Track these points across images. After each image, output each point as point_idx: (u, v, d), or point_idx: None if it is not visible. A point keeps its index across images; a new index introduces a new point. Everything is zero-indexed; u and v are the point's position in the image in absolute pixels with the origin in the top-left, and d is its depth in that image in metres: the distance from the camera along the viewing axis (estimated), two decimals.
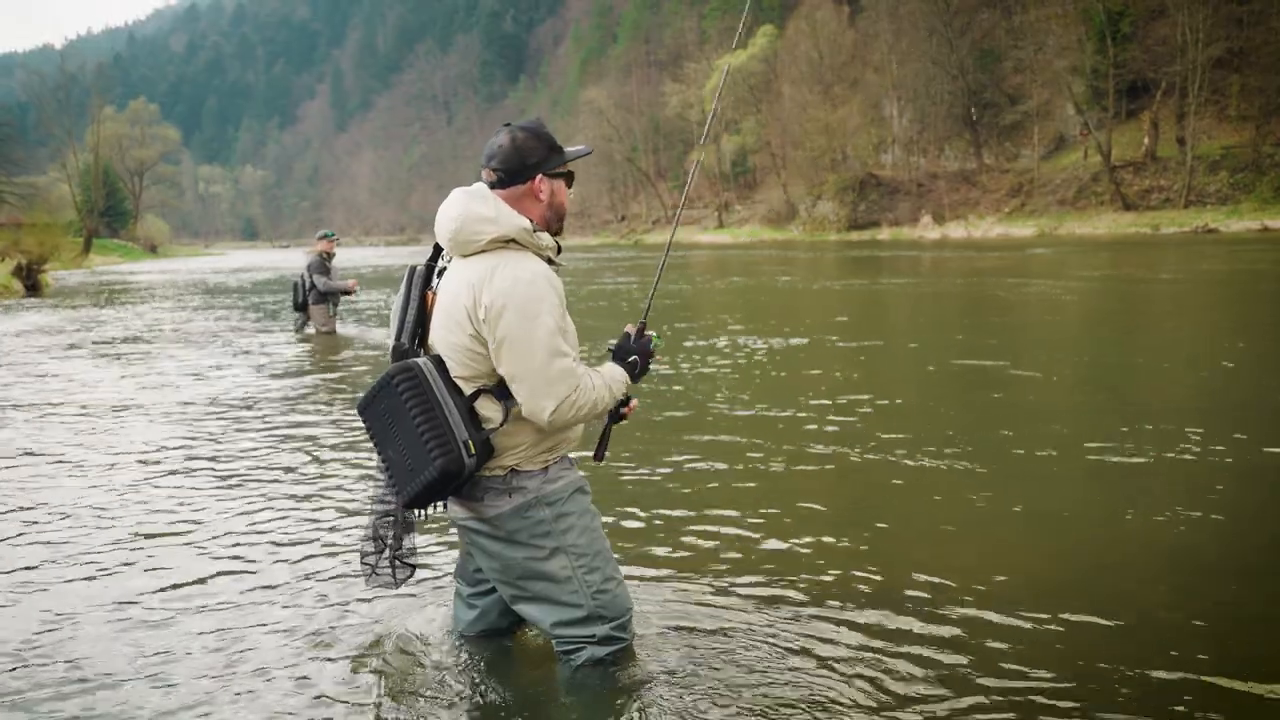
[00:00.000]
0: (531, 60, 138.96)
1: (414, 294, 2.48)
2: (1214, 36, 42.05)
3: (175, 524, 4.23)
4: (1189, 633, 2.87)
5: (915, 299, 15.37)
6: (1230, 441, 5.07)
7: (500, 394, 2.37)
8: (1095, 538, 3.73)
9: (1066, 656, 2.71)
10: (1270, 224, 35.58)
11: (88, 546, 3.94)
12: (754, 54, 66.66)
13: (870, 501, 4.37)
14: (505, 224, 2.36)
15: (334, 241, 11.85)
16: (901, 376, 7.83)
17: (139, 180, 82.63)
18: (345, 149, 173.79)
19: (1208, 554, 3.54)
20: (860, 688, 2.57)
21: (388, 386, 2.35)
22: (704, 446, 5.44)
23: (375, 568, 2.59)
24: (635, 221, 79.31)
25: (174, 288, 26.62)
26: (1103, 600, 3.10)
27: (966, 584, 3.26)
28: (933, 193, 52.59)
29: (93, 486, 4.90)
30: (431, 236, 2.59)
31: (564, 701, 2.52)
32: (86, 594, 3.41)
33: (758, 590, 3.27)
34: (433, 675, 2.69)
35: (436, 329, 2.42)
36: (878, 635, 2.89)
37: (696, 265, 29.53)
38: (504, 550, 2.47)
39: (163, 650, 2.91)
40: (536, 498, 2.44)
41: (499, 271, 2.32)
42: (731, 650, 2.80)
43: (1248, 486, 4.37)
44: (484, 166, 2.49)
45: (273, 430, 6.24)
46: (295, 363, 9.72)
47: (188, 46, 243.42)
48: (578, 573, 2.49)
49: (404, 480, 2.35)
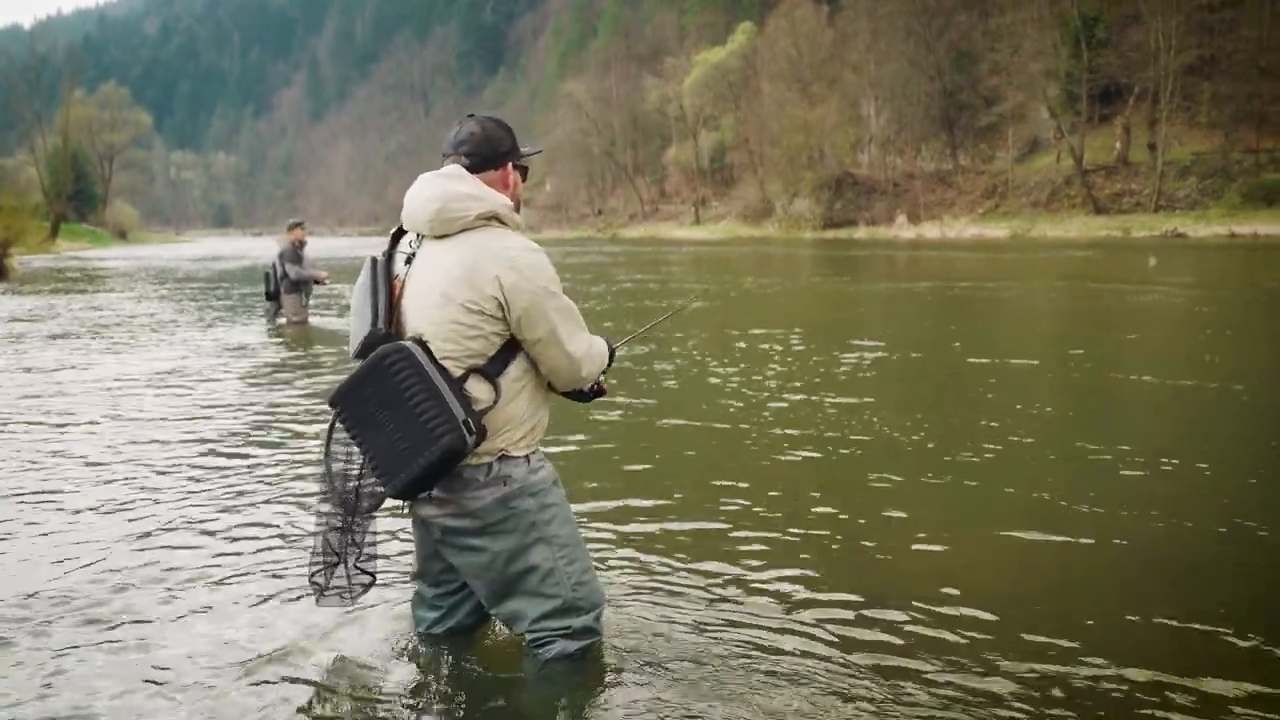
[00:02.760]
0: (511, 52, 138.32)
1: (380, 282, 2.43)
2: (1186, 44, 42.62)
3: (126, 519, 4.17)
4: (1182, 632, 2.90)
5: (933, 301, 15.44)
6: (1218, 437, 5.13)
7: (490, 373, 2.36)
8: (1089, 535, 3.77)
9: (1056, 653, 2.73)
10: (1238, 230, 36.13)
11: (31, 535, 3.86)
12: (733, 51, 66.77)
13: (854, 495, 4.38)
14: (489, 200, 2.38)
15: (305, 229, 11.74)
16: (901, 376, 7.87)
17: (109, 165, 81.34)
18: (321, 138, 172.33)
19: (1202, 553, 3.58)
20: (840, 683, 2.57)
21: (379, 368, 2.28)
22: (677, 434, 5.44)
23: (325, 587, 2.50)
24: (612, 216, 79.18)
25: (144, 275, 26.26)
26: (1089, 597, 3.13)
27: (951, 581, 3.28)
28: (908, 193, 52.92)
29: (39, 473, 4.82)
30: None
31: (534, 695, 2.50)
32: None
33: (730, 585, 3.27)
34: (396, 677, 2.63)
35: (421, 310, 2.37)
36: (857, 629, 2.90)
37: (678, 264, 29.49)
38: (488, 544, 2.43)
39: (87, 661, 2.86)
40: (521, 488, 2.42)
41: (500, 245, 2.34)
42: (702, 644, 2.79)
43: (1246, 488, 4.43)
44: (450, 154, 2.48)
45: (235, 423, 6.17)
46: (265, 354, 9.61)
47: (161, 29, 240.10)
48: (559, 564, 2.48)
49: (397, 465, 2.27)
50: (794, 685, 2.55)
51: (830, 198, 55.09)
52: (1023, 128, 50.82)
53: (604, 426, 5.83)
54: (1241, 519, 3.87)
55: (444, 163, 2.49)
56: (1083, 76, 46.07)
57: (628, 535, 3.82)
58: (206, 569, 3.47)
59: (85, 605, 3.14)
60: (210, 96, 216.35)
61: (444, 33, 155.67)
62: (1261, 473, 4.61)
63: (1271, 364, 8.41)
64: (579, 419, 5.83)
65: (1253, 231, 35.52)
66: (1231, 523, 3.84)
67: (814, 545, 3.69)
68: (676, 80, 69.80)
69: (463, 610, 2.70)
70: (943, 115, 54.18)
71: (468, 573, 2.53)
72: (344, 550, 2.48)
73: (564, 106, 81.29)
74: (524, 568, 2.46)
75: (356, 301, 2.47)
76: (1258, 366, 8.08)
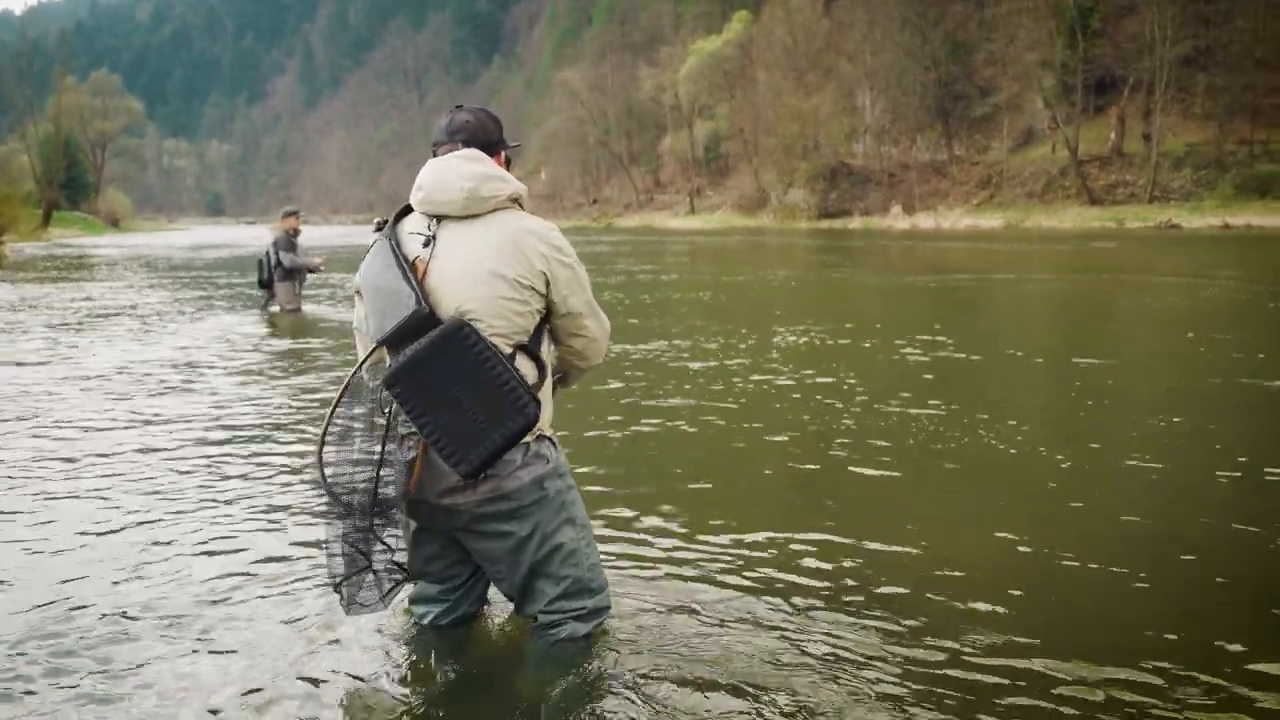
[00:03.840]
0: (506, 40, 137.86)
1: (402, 261, 2.36)
2: (1181, 35, 42.63)
3: (126, 513, 4.17)
4: (1185, 629, 2.92)
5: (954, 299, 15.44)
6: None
7: (533, 351, 2.40)
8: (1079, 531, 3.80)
9: (1040, 648, 2.76)
10: (1231, 221, 36.22)
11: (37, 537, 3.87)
12: (728, 40, 66.61)
13: (844, 491, 4.41)
14: (514, 183, 2.45)
15: (299, 218, 11.69)
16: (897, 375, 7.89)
17: (101, 152, 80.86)
18: (315, 126, 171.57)
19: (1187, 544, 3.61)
20: (840, 679, 2.59)
21: (452, 343, 2.23)
22: (667, 431, 5.46)
23: (357, 593, 2.38)
24: (608, 205, 79.05)
25: (136, 263, 26.16)
26: (1070, 593, 3.16)
27: (936, 575, 3.30)
28: (903, 183, 52.94)
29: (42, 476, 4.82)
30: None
31: (543, 676, 2.50)
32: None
33: (721, 574, 3.29)
34: (403, 666, 2.63)
35: (464, 289, 2.31)
36: (853, 620, 2.92)
37: (684, 254, 29.46)
38: (517, 527, 2.42)
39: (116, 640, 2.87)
40: (553, 468, 2.46)
41: (535, 225, 2.42)
42: (704, 630, 2.81)
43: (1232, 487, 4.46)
44: (444, 143, 2.48)
45: (225, 413, 6.17)
46: (256, 342, 9.60)
47: (153, 16, 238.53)
48: (581, 544, 2.53)
49: (473, 441, 2.22)
50: (795, 668, 2.57)
51: (825, 188, 55.08)
52: (1018, 118, 50.86)
53: (647, 427, 5.84)
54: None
55: (437, 151, 2.48)
56: (1078, 67, 46.08)
57: (629, 521, 3.84)
58: (197, 560, 3.48)
59: (71, 599, 3.15)
60: (203, 84, 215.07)
61: (439, 20, 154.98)
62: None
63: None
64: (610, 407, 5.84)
65: (1246, 223, 35.62)
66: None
67: (815, 538, 3.71)
68: (672, 69, 69.65)
69: (468, 600, 2.70)
70: (938, 105, 54.17)
71: (493, 557, 2.48)
72: (370, 553, 2.38)
73: (559, 95, 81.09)
74: (553, 547, 2.48)
75: (380, 282, 2.38)
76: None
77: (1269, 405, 6.04)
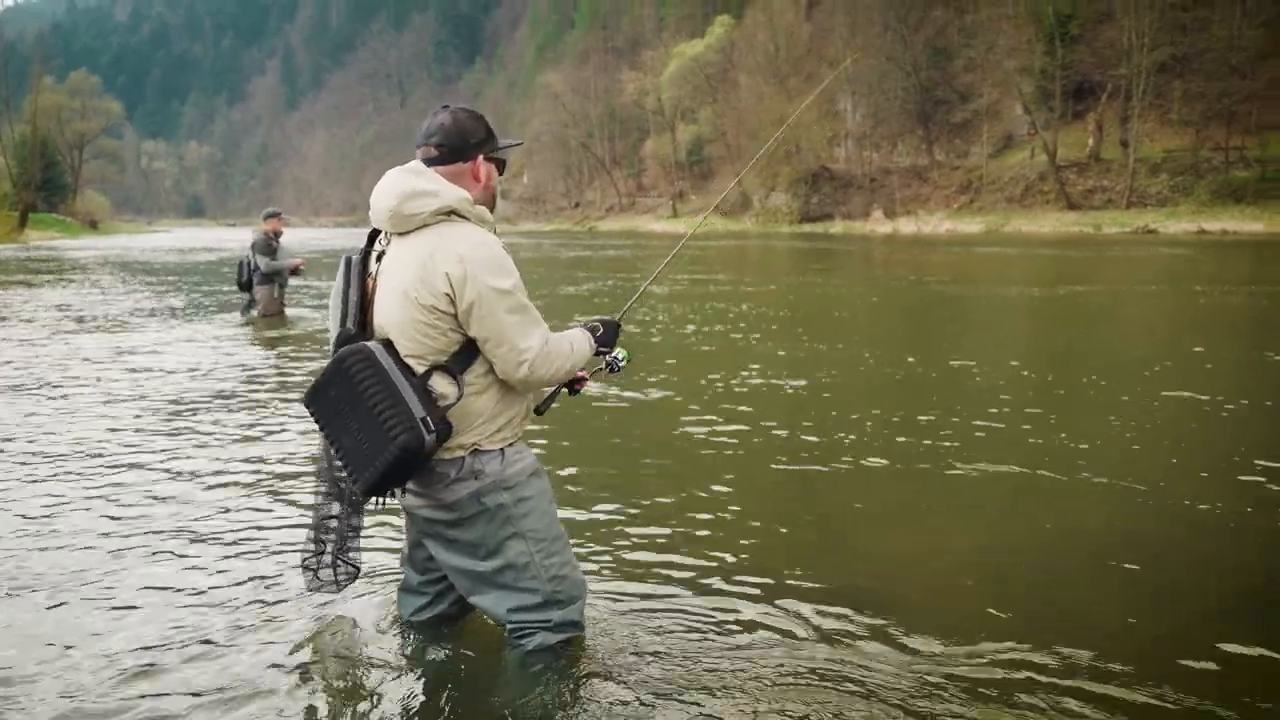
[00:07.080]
0: (488, 42, 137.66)
1: (354, 280, 2.44)
2: (1159, 41, 43.12)
3: (101, 517, 4.15)
4: (1174, 623, 2.96)
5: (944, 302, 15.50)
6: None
7: (454, 369, 2.35)
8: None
9: (1022, 643, 2.79)
10: (1207, 226, 36.64)
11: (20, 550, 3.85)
12: (711, 44, 66.78)
13: (821, 491, 4.43)
14: (446, 195, 2.35)
15: (282, 220, 11.59)
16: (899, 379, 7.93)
17: (78, 154, 79.96)
18: (296, 127, 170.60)
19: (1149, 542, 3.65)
20: (818, 674, 2.61)
21: (340, 371, 2.31)
22: (654, 438, 5.46)
23: (317, 572, 2.58)
24: (590, 208, 79.01)
25: (115, 266, 25.92)
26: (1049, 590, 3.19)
27: (919, 572, 3.32)
28: (884, 187, 53.23)
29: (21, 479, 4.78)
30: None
31: (513, 686, 2.52)
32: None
33: (705, 577, 3.31)
34: (380, 662, 2.67)
35: (385, 310, 2.38)
36: (829, 618, 2.95)
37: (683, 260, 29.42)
38: (462, 536, 2.46)
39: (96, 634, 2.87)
40: (495, 481, 2.42)
41: (452, 240, 2.31)
42: (680, 637, 2.83)
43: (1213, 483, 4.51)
44: (421, 144, 2.48)
45: (201, 420, 6.14)
46: (232, 346, 9.54)
47: (132, 15, 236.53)
48: (536, 557, 2.49)
49: (362, 466, 2.29)
50: (774, 674, 2.59)
51: (807, 192, 55.31)
52: (997, 124, 51.28)
53: (637, 434, 5.84)
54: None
55: (417, 154, 2.49)
56: (1056, 73, 46.54)
57: (610, 525, 3.85)
58: (187, 555, 3.48)
59: (57, 588, 3.14)
60: (183, 84, 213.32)
61: (421, 21, 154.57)
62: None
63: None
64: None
65: (1221, 228, 36.05)
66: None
67: (798, 540, 3.73)
68: (654, 73, 69.76)
69: (448, 598, 2.72)
70: (918, 111, 54.51)
71: (445, 564, 2.56)
72: (330, 539, 2.57)
73: (541, 98, 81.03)
74: (500, 563, 2.48)
75: (334, 299, 2.50)
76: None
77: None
